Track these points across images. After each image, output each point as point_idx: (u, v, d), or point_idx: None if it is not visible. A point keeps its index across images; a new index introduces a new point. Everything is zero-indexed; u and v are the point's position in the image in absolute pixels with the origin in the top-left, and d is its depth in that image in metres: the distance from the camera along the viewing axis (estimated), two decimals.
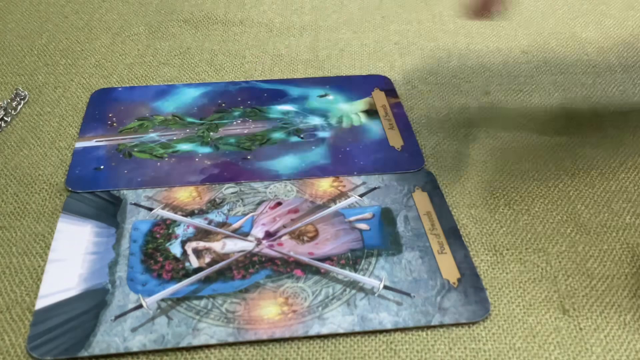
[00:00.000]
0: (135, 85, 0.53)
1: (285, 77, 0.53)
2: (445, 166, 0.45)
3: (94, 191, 0.42)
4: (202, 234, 0.39)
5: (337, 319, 0.34)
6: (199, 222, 0.40)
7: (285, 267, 0.37)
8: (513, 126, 0.49)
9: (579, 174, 0.44)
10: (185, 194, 0.42)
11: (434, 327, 0.35)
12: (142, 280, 0.36)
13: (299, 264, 0.38)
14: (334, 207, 0.41)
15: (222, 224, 0.40)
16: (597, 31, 0.60)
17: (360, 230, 0.40)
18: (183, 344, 0.33)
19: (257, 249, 0.38)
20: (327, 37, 0.59)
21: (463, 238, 0.39)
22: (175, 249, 0.38)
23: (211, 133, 0.47)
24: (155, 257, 0.38)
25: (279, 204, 0.41)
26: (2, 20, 0.61)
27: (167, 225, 0.40)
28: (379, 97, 0.51)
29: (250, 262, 0.38)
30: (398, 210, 0.41)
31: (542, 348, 0.34)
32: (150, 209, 0.41)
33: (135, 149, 0.46)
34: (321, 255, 0.38)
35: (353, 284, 0.36)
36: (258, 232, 0.40)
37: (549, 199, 0.43)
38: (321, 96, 0.51)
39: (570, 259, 0.39)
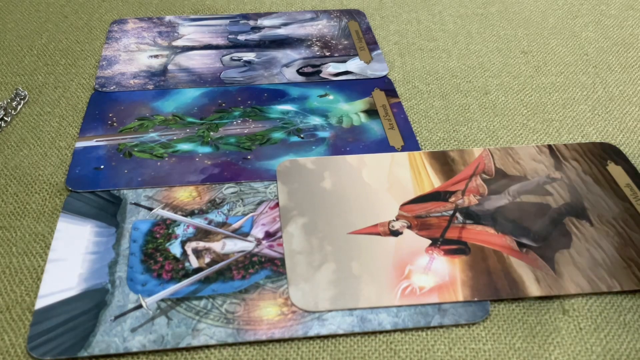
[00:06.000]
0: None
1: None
2: None
3: (94, 191, 0.42)
4: (202, 234, 0.39)
5: (337, 320, 0.34)
6: (199, 222, 0.40)
7: (284, 267, 0.37)
8: (513, 126, 0.49)
9: None
10: (185, 194, 0.42)
11: (434, 327, 0.35)
12: (142, 280, 0.36)
13: None
14: None
15: (222, 224, 0.40)
16: (597, 31, 0.60)
17: None
18: (183, 344, 0.33)
19: (256, 249, 0.38)
20: None
21: None
22: (175, 249, 0.38)
23: (211, 133, 0.47)
24: (155, 257, 0.38)
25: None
26: (1, 20, 0.61)
27: (167, 225, 0.40)
28: (379, 97, 0.51)
29: (250, 263, 0.38)
30: None
31: (542, 348, 0.34)
32: (150, 209, 0.41)
33: (136, 149, 0.46)
34: None
35: None
36: (258, 232, 0.40)
37: None
38: (321, 96, 0.51)
39: None
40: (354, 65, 0.55)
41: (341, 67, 0.55)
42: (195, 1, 0.64)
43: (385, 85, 0.53)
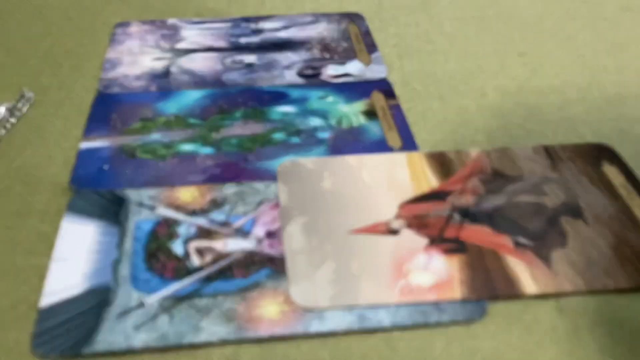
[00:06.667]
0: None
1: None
2: None
3: (98, 191, 0.43)
4: (204, 233, 0.40)
5: (337, 318, 0.35)
6: (201, 221, 0.41)
7: (285, 266, 0.38)
8: (510, 127, 0.49)
9: None
10: (187, 194, 0.43)
11: (432, 325, 0.35)
12: (145, 279, 0.37)
13: None
14: None
15: (223, 224, 0.41)
16: (592, 33, 0.61)
17: None
18: (185, 342, 0.34)
19: (257, 249, 0.39)
20: None
21: None
22: (177, 248, 0.39)
23: (213, 134, 0.48)
24: (158, 256, 0.38)
25: None
26: (7, 24, 0.61)
27: (169, 224, 0.40)
28: (378, 99, 0.52)
29: (251, 262, 0.38)
30: None
31: (538, 346, 0.34)
32: (153, 209, 0.41)
33: (139, 150, 0.46)
34: None
35: None
36: (259, 231, 0.40)
37: None
38: (321, 97, 0.52)
39: None
40: (354, 67, 0.56)
41: (341, 70, 0.55)
42: (197, 4, 0.65)
43: (384, 87, 0.53)
